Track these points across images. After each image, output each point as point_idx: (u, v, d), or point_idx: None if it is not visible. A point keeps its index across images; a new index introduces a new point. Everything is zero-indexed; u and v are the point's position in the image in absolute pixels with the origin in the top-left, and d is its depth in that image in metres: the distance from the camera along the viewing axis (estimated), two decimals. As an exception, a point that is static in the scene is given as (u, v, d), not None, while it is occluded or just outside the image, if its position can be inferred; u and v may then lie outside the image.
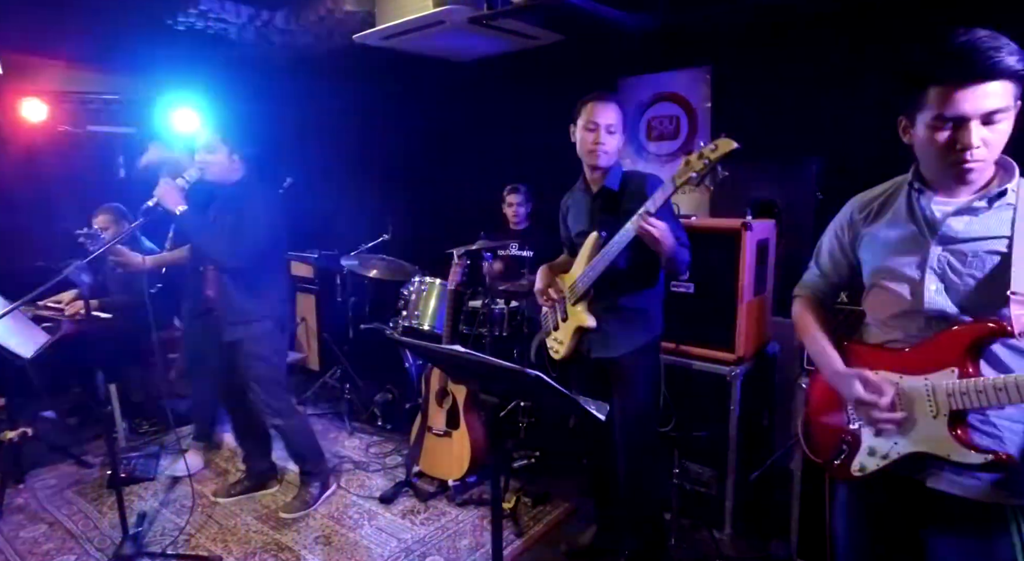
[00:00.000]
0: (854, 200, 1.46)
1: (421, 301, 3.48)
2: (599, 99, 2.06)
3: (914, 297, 1.30)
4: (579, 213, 2.23)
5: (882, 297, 1.37)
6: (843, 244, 1.47)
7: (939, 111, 1.16)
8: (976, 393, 1.17)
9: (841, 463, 1.42)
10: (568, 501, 2.82)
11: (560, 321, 2.22)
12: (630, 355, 2.08)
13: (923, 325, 1.29)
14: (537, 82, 4.33)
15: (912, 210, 1.33)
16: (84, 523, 2.70)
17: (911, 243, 1.31)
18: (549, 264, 2.31)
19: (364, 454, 3.39)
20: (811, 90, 3.16)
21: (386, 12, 3.26)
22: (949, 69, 1.14)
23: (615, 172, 2.12)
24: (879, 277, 1.37)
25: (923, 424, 1.27)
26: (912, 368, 1.29)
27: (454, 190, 4.99)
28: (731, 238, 2.36)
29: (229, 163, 2.54)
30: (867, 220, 1.41)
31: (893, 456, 1.32)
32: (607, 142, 2.04)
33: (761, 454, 2.52)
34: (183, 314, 3.21)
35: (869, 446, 1.36)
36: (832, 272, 1.53)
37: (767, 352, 2.65)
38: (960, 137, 1.16)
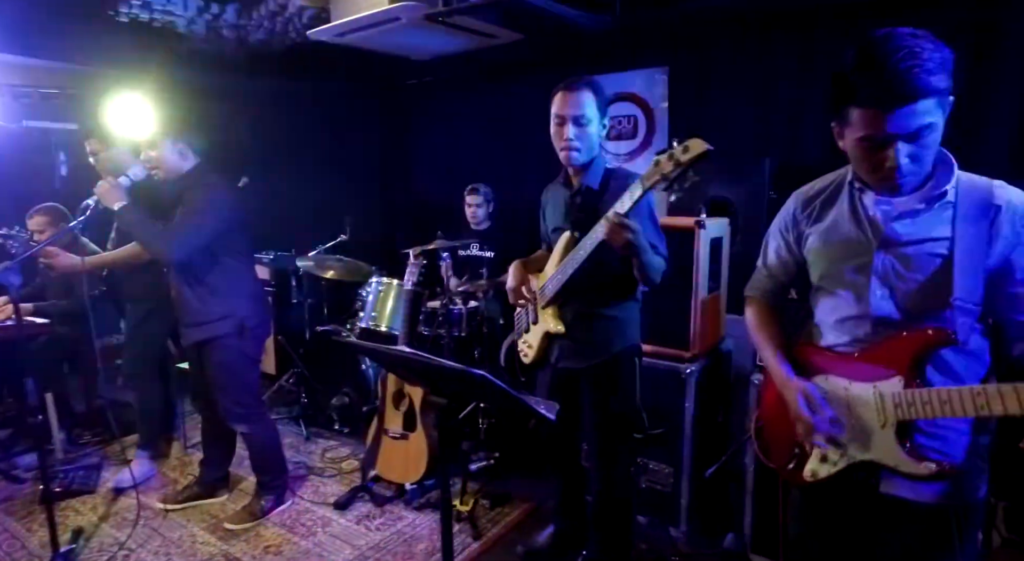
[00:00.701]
0: (796, 196, 1.43)
1: (378, 302, 3.42)
2: (565, 88, 1.86)
3: (860, 302, 1.28)
4: (556, 208, 2.08)
5: (829, 301, 1.36)
6: (788, 242, 1.45)
7: (863, 132, 1.14)
8: (921, 404, 1.16)
9: (793, 468, 1.41)
10: (528, 502, 2.80)
11: (531, 323, 2.10)
12: (601, 366, 1.96)
13: (870, 330, 1.27)
14: (497, 80, 4.31)
15: (855, 211, 1.30)
16: (10, 544, 2.54)
17: (856, 247, 1.28)
18: (523, 260, 2.15)
19: (320, 459, 3.30)
20: (764, 90, 3.23)
21: (340, 8, 3.18)
22: (868, 95, 1.10)
23: (596, 168, 1.94)
24: (824, 280, 1.36)
25: (872, 433, 1.25)
26: (860, 375, 1.27)
27: (414, 190, 4.94)
28: (685, 236, 2.38)
29: (176, 156, 2.43)
30: (810, 219, 1.38)
31: (843, 464, 1.30)
32: (577, 137, 1.86)
33: (716, 450, 2.54)
34: (128, 317, 3.08)
35: (821, 453, 1.35)
36: (780, 272, 1.50)
37: (721, 349, 2.68)
38: (887, 156, 1.14)
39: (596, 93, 1.87)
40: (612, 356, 1.96)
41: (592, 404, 2.02)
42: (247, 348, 2.57)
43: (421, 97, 4.76)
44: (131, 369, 3.10)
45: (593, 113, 1.86)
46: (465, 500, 2.70)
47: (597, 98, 1.87)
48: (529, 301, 2.08)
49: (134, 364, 3.07)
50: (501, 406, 2.28)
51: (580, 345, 1.97)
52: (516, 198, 4.22)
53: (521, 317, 2.18)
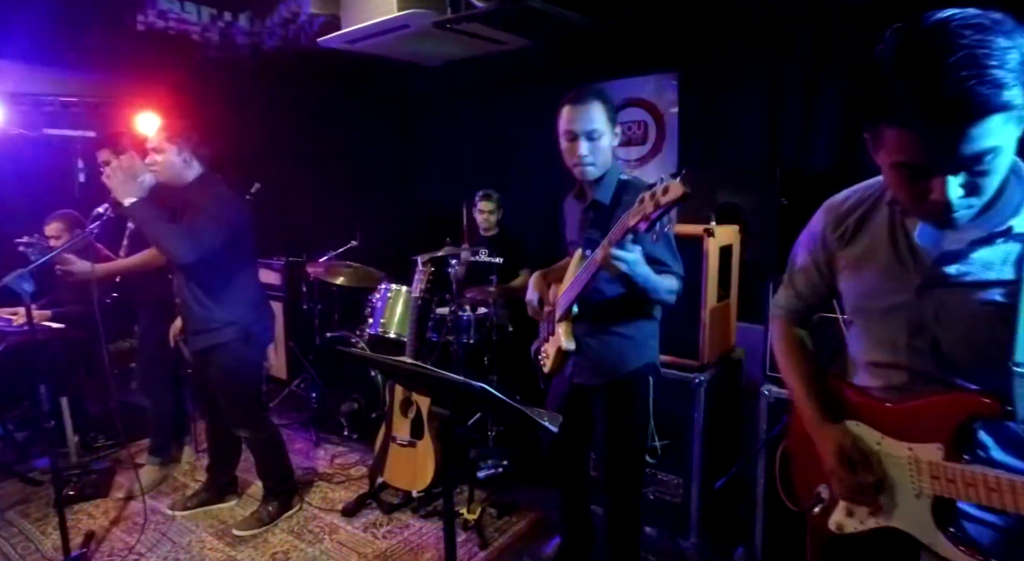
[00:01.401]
0: (828, 210, 1.21)
1: (387, 308, 3.42)
2: (574, 101, 1.79)
3: (894, 349, 1.08)
4: (572, 221, 2.03)
5: (861, 341, 1.18)
6: (818, 263, 1.24)
7: (901, 158, 0.89)
8: (964, 485, 0.97)
9: (819, 513, 1.23)
10: (535, 511, 2.78)
11: (550, 334, 2.06)
12: (615, 384, 1.92)
13: (907, 381, 1.08)
14: (505, 87, 4.31)
15: (895, 237, 1.07)
16: (24, 546, 2.57)
17: (894, 281, 1.06)
18: (544, 271, 2.11)
19: (329, 465, 3.31)
20: (775, 95, 3.19)
21: (350, 15, 3.21)
22: (908, 114, 0.83)
23: (608, 181, 1.86)
24: (858, 316, 1.18)
25: (905, 500, 1.06)
26: (894, 430, 1.08)
27: (424, 196, 4.94)
28: (694, 244, 2.35)
29: (180, 163, 2.44)
30: (843, 241, 1.17)
31: (871, 525, 1.13)
32: (590, 152, 1.78)
33: (726, 461, 2.51)
34: (140, 323, 3.12)
35: (847, 507, 1.17)
36: (809, 294, 1.31)
37: (732, 358, 2.65)
38: (932, 187, 0.88)
39: (605, 103, 1.81)
40: (626, 374, 1.92)
41: (604, 421, 1.97)
42: (250, 354, 2.59)
43: (430, 103, 4.77)
44: (143, 374, 3.14)
45: (604, 125, 1.80)
46: (472, 508, 2.69)
47: (607, 109, 1.81)
48: (546, 314, 2.05)
49: (146, 369, 3.11)
50: (503, 417, 2.25)
51: (593, 362, 1.94)
52: (524, 205, 4.22)
53: (543, 325, 2.14)
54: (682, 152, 3.69)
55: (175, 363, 3.16)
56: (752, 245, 2.85)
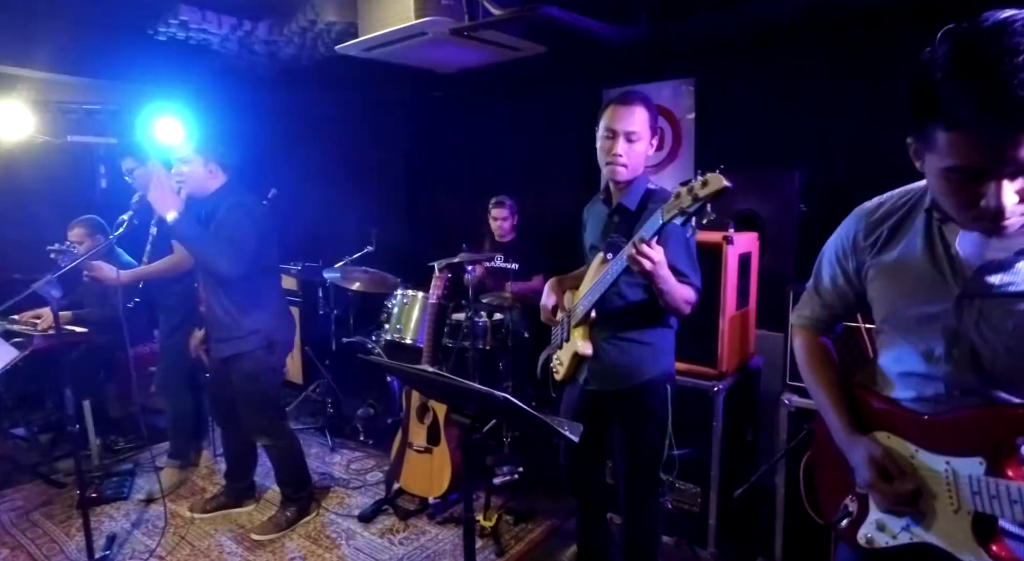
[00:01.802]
0: (859, 217, 1.18)
1: (403, 314, 3.44)
2: (620, 102, 1.80)
3: (930, 360, 1.05)
4: (595, 226, 2.03)
5: (893, 350, 1.14)
6: (847, 271, 1.20)
7: (953, 162, 0.86)
8: (1009, 503, 0.93)
9: (847, 527, 1.20)
10: (552, 518, 2.77)
11: (564, 341, 2.06)
12: (629, 391, 1.91)
13: (943, 392, 1.04)
14: (521, 93, 4.32)
15: (933, 245, 1.04)
16: (49, 547, 2.61)
17: (930, 291, 1.03)
18: (559, 277, 2.11)
19: (345, 470, 3.32)
20: (794, 101, 3.17)
21: (368, 23, 3.24)
22: (964, 116, 0.80)
23: (637, 187, 1.87)
24: (889, 325, 1.14)
25: (942, 514, 1.03)
26: (931, 442, 1.05)
27: (440, 202, 4.97)
28: (713, 252, 2.33)
29: (206, 173, 2.48)
30: (875, 248, 1.13)
31: (905, 540, 1.09)
32: (626, 153, 1.80)
33: (745, 470, 2.49)
34: (161, 327, 3.16)
35: (877, 520, 1.14)
36: (836, 302, 1.27)
37: (750, 366, 2.62)
38: (985, 192, 0.85)
39: (648, 109, 1.83)
40: (642, 382, 1.91)
41: (621, 428, 1.97)
42: (273, 362, 2.61)
43: (446, 110, 4.80)
44: (163, 378, 3.18)
45: (645, 130, 1.82)
46: (488, 515, 2.69)
47: (650, 116, 1.83)
48: (561, 320, 2.05)
49: (166, 373, 3.15)
50: (524, 426, 2.24)
51: (609, 368, 1.93)
52: (540, 211, 4.22)
53: (556, 332, 2.14)
54: (698, 158, 3.68)
55: (194, 368, 3.20)
56: (771, 253, 2.83)
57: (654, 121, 1.85)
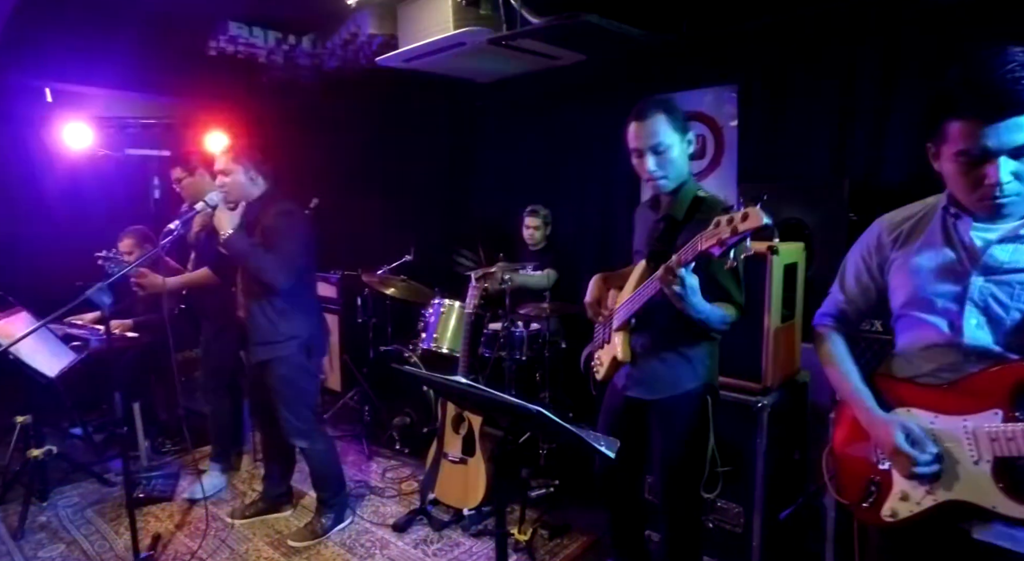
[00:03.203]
0: (882, 221, 1.38)
1: (440, 323, 3.45)
2: (637, 117, 1.77)
3: (951, 331, 1.21)
4: (643, 231, 1.99)
5: (914, 329, 1.28)
6: (870, 268, 1.38)
7: (961, 146, 1.10)
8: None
9: (870, 506, 1.31)
10: (588, 533, 2.71)
11: (605, 341, 2.02)
12: (669, 401, 1.86)
13: (960, 360, 1.20)
14: (559, 102, 4.30)
15: (948, 236, 1.24)
16: (100, 544, 2.70)
17: (948, 272, 1.22)
18: (604, 274, 2.07)
19: (380, 479, 3.34)
20: (842, 108, 3.05)
21: (408, 34, 3.29)
22: (968, 105, 1.07)
23: (683, 195, 1.82)
24: (911, 307, 1.28)
25: (963, 470, 1.16)
26: (949, 408, 1.20)
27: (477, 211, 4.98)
28: (757, 261, 2.25)
29: (247, 181, 2.55)
30: (897, 243, 1.32)
31: (928, 504, 1.21)
32: (659, 166, 1.76)
33: (792, 491, 2.38)
34: (203, 333, 3.25)
35: (901, 490, 1.26)
36: (860, 298, 1.43)
37: (797, 381, 2.52)
38: (987, 173, 1.09)
39: (670, 115, 1.77)
40: (682, 393, 1.86)
41: (661, 440, 1.91)
42: (310, 365, 2.66)
43: (484, 119, 4.82)
44: (205, 383, 3.26)
45: (671, 137, 1.76)
46: (523, 529, 2.65)
47: (672, 120, 1.77)
48: (604, 318, 2.01)
49: (208, 378, 3.23)
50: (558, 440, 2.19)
51: (648, 376, 1.88)
52: (576, 219, 4.18)
53: (598, 330, 2.10)
54: (741, 166, 3.57)
55: (235, 373, 3.27)
56: (818, 263, 2.72)
57: (680, 121, 1.78)
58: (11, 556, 2.63)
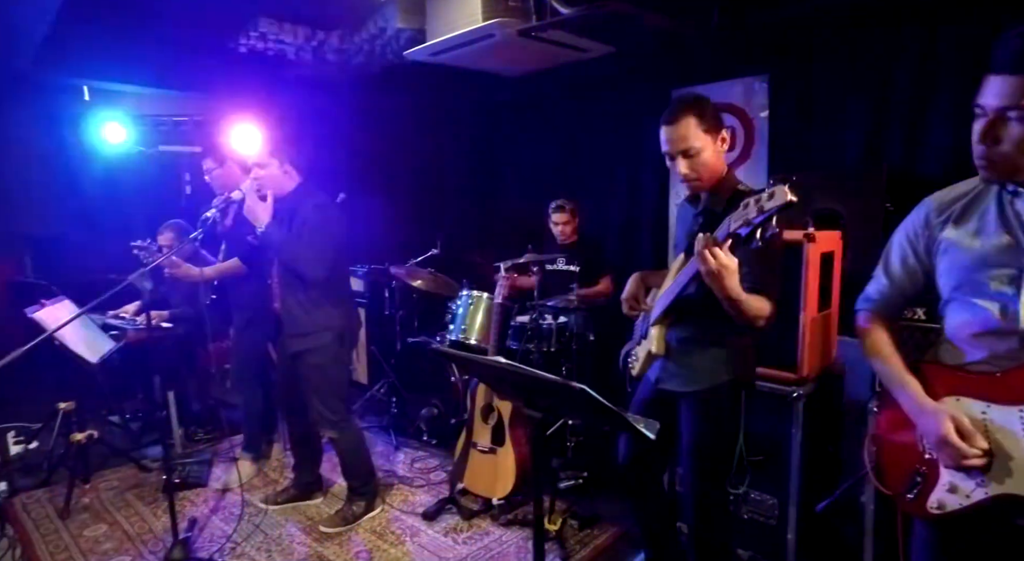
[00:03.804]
0: (930, 200, 1.33)
1: (468, 315, 3.45)
2: (666, 121, 1.75)
3: (1006, 316, 1.16)
4: (683, 226, 1.98)
5: (965, 314, 1.23)
6: (916, 250, 1.33)
7: (983, 99, 1.12)
8: None
9: (915, 497, 1.27)
10: (617, 525, 2.70)
11: (642, 337, 2.03)
12: (700, 394, 1.85)
13: (1016, 347, 1.15)
14: (588, 95, 4.29)
15: (1004, 215, 1.18)
16: (140, 525, 2.77)
17: (1004, 254, 1.17)
18: (644, 272, 2.07)
19: (409, 469, 3.36)
20: (879, 93, 2.99)
21: (436, 28, 3.30)
22: (995, 59, 1.11)
23: (724, 189, 1.80)
24: (961, 290, 1.23)
25: (1017, 464, 1.12)
26: (1002, 396, 1.15)
27: (504, 204, 4.99)
28: (793, 250, 2.22)
29: (282, 174, 2.59)
30: (946, 224, 1.26)
31: (979, 497, 1.17)
32: (692, 168, 1.74)
33: (828, 483, 2.34)
34: (234, 323, 3.30)
35: (949, 482, 1.22)
36: (905, 282, 1.37)
37: (832, 373, 2.47)
38: (983, 130, 1.12)
39: (700, 116, 1.73)
40: (714, 385, 1.84)
41: (689, 432, 1.90)
42: (341, 355, 2.69)
43: (511, 113, 4.82)
44: (236, 373, 3.32)
45: (701, 140, 1.73)
46: (553, 519, 2.65)
47: (702, 121, 1.73)
48: (639, 312, 2.01)
49: (239, 368, 3.28)
50: (599, 422, 2.19)
51: (682, 369, 1.88)
52: (604, 212, 4.16)
53: (638, 326, 2.11)
54: (772, 157, 3.53)
55: (265, 363, 3.31)
56: (854, 254, 2.67)
57: (712, 120, 1.75)
58: (58, 533, 2.71)
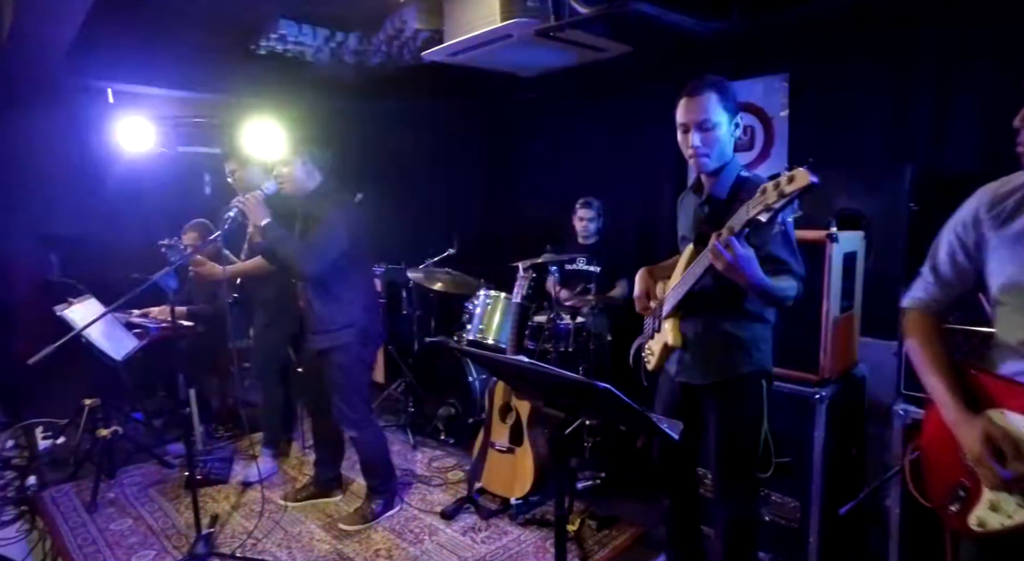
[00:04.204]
0: (982, 193, 1.26)
1: (486, 315, 3.47)
2: (687, 93, 1.76)
3: None
4: (686, 216, 1.98)
5: (1013, 317, 1.17)
6: (966, 246, 1.26)
7: None
8: None
9: (957, 512, 1.21)
10: (636, 526, 2.69)
11: (655, 331, 2.01)
12: (721, 385, 1.84)
13: None
14: (605, 95, 4.27)
15: None
16: (164, 521, 2.82)
17: None
18: (651, 267, 2.06)
19: (427, 468, 3.38)
20: (904, 88, 2.94)
21: (454, 28, 3.31)
22: None
23: (727, 176, 1.80)
24: (1010, 294, 1.17)
25: None
26: None
27: (521, 204, 4.99)
28: (815, 249, 2.20)
29: (303, 174, 2.61)
30: (998, 221, 1.20)
31: (1021, 518, 1.10)
32: (704, 143, 1.74)
33: (848, 487, 2.31)
34: (255, 322, 3.34)
35: (990, 500, 1.16)
36: (955, 279, 1.30)
37: (855, 374, 2.45)
38: None
39: (721, 94, 1.74)
40: (735, 377, 1.83)
41: (715, 427, 1.89)
42: (365, 355, 2.70)
43: (528, 113, 4.82)
44: (257, 371, 3.36)
45: (720, 116, 1.73)
46: (571, 519, 2.64)
47: (723, 99, 1.74)
48: (653, 309, 2.00)
49: (259, 367, 3.32)
50: (621, 421, 2.19)
51: (700, 361, 1.86)
52: (622, 213, 4.14)
53: (648, 322, 2.09)
54: (792, 157, 3.49)
55: (285, 361, 3.35)
56: (877, 255, 2.64)
57: (731, 102, 1.76)
58: (86, 526, 2.76)
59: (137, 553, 2.56)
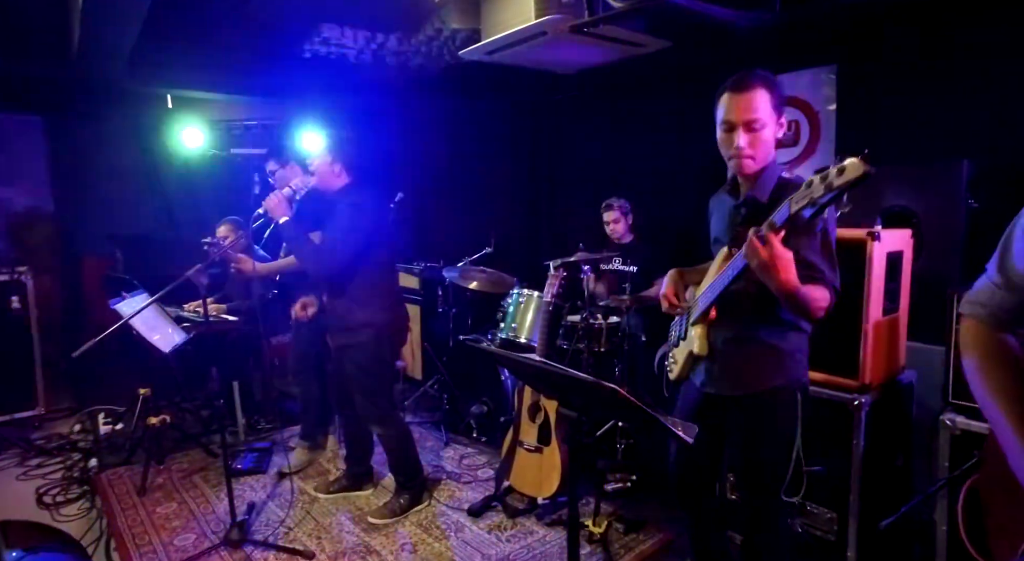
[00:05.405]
0: None
1: (519, 313, 3.45)
2: (733, 89, 1.62)
3: None
4: (720, 218, 1.87)
5: None
6: None
7: None
8: None
9: None
10: (664, 531, 2.62)
11: (680, 338, 1.92)
12: (751, 398, 1.72)
13: None
14: (644, 91, 4.20)
15: None
16: (204, 507, 2.94)
17: None
18: (681, 269, 1.95)
19: (457, 465, 3.40)
20: (961, 81, 2.77)
21: (490, 27, 3.32)
22: None
23: (768, 178, 1.67)
24: None
25: None
26: None
27: (559, 203, 4.96)
28: (855, 249, 2.09)
29: (331, 171, 2.66)
30: None
31: None
32: (750, 144, 1.61)
33: (893, 499, 2.18)
34: (292, 319, 3.44)
35: None
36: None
37: (900, 381, 2.31)
38: None
39: (771, 90, 1.61)
40: (766, 389, 1.71)
41: (740, 440, 1.79)
42: (384, 354, 2.72)
43: (566, 111, 4.79)
44: (295, 366, 3.46)
45: (768, 115, 1.61)
46: (598, 522, 2.60)
47: (772, 96, 1.61)
48: (681, 312, 1.90)
49: (297, 361, 3.42)
50: (636, 423, 2.13)
51: (728, 371, 1.75)
52: (661, 210, 4.06)
53: (673, 328, 1.99)
54: (839, 152, 3.34)
55: (322, 356, 3.43)
56: (929, 254, 2.49)
57: (780, 101, 1.64)
58: (136, 508, 2.92)
59: (179, 536, 2.68)
